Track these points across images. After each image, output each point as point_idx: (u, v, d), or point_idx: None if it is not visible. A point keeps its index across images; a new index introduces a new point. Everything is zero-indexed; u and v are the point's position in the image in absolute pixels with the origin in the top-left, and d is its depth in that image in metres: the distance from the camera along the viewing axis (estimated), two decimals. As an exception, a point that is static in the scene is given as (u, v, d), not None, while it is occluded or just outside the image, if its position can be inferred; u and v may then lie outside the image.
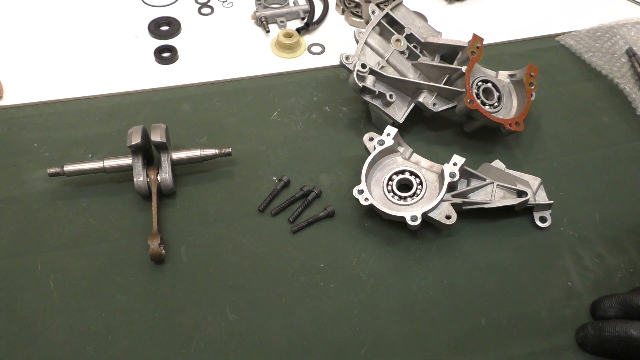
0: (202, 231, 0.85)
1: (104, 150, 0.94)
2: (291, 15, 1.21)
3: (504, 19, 1.24)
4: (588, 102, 1.07)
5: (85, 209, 0.87)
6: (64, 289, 0.78)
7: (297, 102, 1.03)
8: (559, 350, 0.76)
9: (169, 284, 0.79)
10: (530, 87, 0.95)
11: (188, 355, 0.73)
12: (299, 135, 0.98)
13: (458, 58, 0.98)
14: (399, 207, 0.84)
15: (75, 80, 1.05)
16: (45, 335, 0.74)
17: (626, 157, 0.98)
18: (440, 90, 0.95)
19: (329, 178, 0.92)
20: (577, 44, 1.16)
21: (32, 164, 0.91)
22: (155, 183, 0.85)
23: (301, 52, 1.14)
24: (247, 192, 0.90)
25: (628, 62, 1.12)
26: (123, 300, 0.77)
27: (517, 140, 0.99)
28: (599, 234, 0.87)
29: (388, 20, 0.99)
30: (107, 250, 0.82)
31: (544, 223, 0.87)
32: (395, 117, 0.95)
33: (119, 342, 0.74)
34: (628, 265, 0.84)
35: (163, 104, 1.02)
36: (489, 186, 0.85)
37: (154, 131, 0.85)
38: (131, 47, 1.13)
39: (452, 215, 0.82)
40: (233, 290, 0.79)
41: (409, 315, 0.78)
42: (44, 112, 0.99)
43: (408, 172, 0.86)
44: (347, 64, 0.92)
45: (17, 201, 0.87)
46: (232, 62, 1.11)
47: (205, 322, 0.76)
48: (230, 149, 0.89)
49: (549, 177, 0.92)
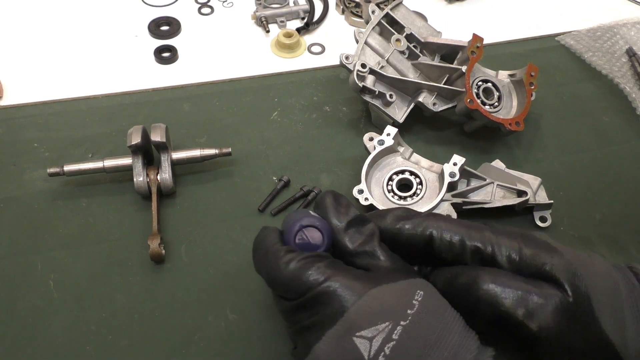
0: (202, 231, 0.85)
1: (104, 150, 0.94)
2: (291, 15, 1.21)
3: (504, 19, 1.24)
4: (588, 102, 1.07)
5: (85, 209, 0.87)
6: (64, 289, 0.78)
7: (297, 102, 1.03)
8: (559, 350, 0.76)
9: (169, 284, 0.79)
10: (530, 87, 0.95)
11: (188, 355, 0.73)
12: (299, 135, 0.98)
13: (458, 58, 0.98)
14: (399, 207, 0.84)
15: (75, 80, 1.05)
16: (45, 335, 0.74)
17: (626, 157, 0.98)
18: (440, 90, 0.95)
19: (329, 178, 0.92)
20: (577, 44, 1.16)
21: (32, 164, 0.91)
22: (155, 183, 0.85)
23: (301, 52, 1.14)
24: (247, 192, 0.90)
25: (628, 62, 1.12)
26: (123, 300, 0.77)
27: (517, 140, 0.99)
28: (599, 234, 0.87)
29: (388, 20, 0.99)
30: (107, 250, 0.82)
31: (544, 223, 0.87)
32: (395, 117, 0.95)
33: (119, 342, 0.74)
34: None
35: (163, 103, 1.02)
36: (489, 186, 0.86)
37: (154, 131, 0.85)
38: (131, 47, 1.13)
39: (452, 215, 0.82)
40: (233, 290, 0.79)
41: (409, 315, 0.78)
42: (44, 112, 0.99)
43: (408, 172, 0.86)
44: (347, 64, 0.92)
45: (17, 201, 0.87)
46: (232, 62, 1.11)
47: (205, 322, 0.76)
48: (230, 149, 0.89)
49: (549, 177, 0.92)
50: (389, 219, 0.64)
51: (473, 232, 0.62)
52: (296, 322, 0.59)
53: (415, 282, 0.58)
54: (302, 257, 0.58)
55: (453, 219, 0.64)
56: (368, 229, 0.63)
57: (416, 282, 0.58)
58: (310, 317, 0.57)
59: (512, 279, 0.59)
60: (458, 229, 0.62)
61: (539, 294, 0.58)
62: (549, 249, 0.60)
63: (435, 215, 0.65)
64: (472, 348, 0.55)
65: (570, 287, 0.57)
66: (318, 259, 0.58)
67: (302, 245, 0.61)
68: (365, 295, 0.55)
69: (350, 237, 0.62)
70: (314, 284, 0.56)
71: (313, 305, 0.57)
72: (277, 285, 0.60)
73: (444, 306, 0.57)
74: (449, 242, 0.62)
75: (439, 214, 0.66)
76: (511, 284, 0.58)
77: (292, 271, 0.57)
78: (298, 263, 0.58)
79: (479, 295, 0.58)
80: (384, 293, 0.56)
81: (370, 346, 0.53)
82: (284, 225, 0.66)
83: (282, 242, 0.62)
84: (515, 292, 0.58)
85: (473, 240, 0.61)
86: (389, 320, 0.54)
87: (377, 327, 0.53)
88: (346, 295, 0.55)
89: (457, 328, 0.55)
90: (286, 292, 0.59)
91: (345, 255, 0.62)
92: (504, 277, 0.59)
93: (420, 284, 0.58)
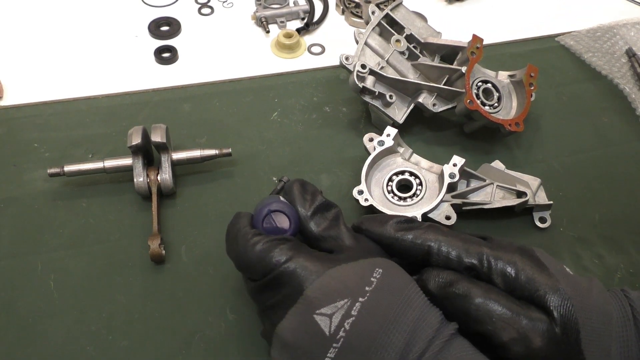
0: (202, 231, 0.85)
1: (104, 151, 0.94)
2: (291, 16, 1.21)
3: (504, 19, 1.24)
4: (588, 102, 1.07)
5: (85, 209, 0.87)
6: (64, 289, 0.78)
7: (297, 102, 1.03)
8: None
9: (169, 284, 0.79)
10: (530, 88, 0.96)
11: (188, 355, 0.73)
12: (299, 135, 0.98)
13: (458, 58, 0.98)
14: (399, 208, 0.84)
15: (75, 80, 1.05)
16: (45, 335, 0.74)
17: (626, 157, 0.98)
18: (440, 90, 0.95)
19: (329, 178, 0.92)
20: (577, 44, 1.16)
21: (32, 164, 0.91)
22: (156, 183, 0.85)
23: (301, 52, 1.14)
24: (247, 192, 0.90)
25: (628, 62, 1.12)
26: (123, 301, 0.77)
27: (517, 141, 0.99)
28: (599, 235, 0.87)
29: (388, 20, 0.99)
30: (107, 250, 0.82)
31: (543, 224, 0.87)
32: (395, 118, 0.96)
33: (119, 342, 0.74)
34: (628, 265, 0.84)
35: (163, 104, 1.02)
36: (489, 187, 0.86)
37: (154, 131, 0.85)
38: (131, 47, 1.13)
39: (451, 216, 0.82)
40: (233, 290, 0.79)
41: (408, 315, 0.78)
42: (44, 112, 0.99)
43: (408, 172, 0.87)
44: (347, 65, 0.92)
45: (17, 201, 0.87)
46: (232, 62, 1.11)
47: (205, 322, 0.76)
48: (230, 149, 0.89)
49: (549, 178, 0.92)
50: (389, 227, 0.65)
51: (471, 247, 0.62)
52: (262, 302, 0.61)
53: (375, 261, 0.60)
54: (267, 240, 0.61)
55: (453, 233, 0.64)
56: (332, 214, 0.67)
57: (376, 261, 0.60)
58: (273, 296, 0.59)
59: (504, 298, 0.59)
60: (456, 244, 0.63)
61: (528, 318, 0.57)
62: (547, 273, 0.60)
63: (435, 228, 0.65)
64: (434, 322, 0.56)
65: (560, 318, 0.57)
66: (282, 242, 0.61)
67: (270, 229, 0.64)
68: (324, 275, 0.57)
69: (316, 222, 0.66)
70: (277, 265, 0.59)
71: (276, 285, 0.59)
72: (244, 266, 0.63)
73: (405, 283, 0.59)
74: (446, 257, 0.62)
75: (439, 227, 0.65)
76: (503, 303, 0.58)
77: (257, 253, 0.60)
78: (263, 245, 0.60)
79: (469, 309, 0.58)
80: (342, 272, 0.58)
81: (331, 322, 0.55)
82: (255, 210, 0.68)
83: (251, 227, 0.65)
84: (505, 312, 0.57)
85: (470, 257, 0.62)
86: (347, 297, 0.56)
87: (336, 305, 0.55)
88: (306, 275, 0.57)
89: (418, 304, 0.57)
90: (252, 273, 0.62)
91: (312, 239, 0.65)
92: (496, 295, 0.59)
93: (381, 263, 0.60)
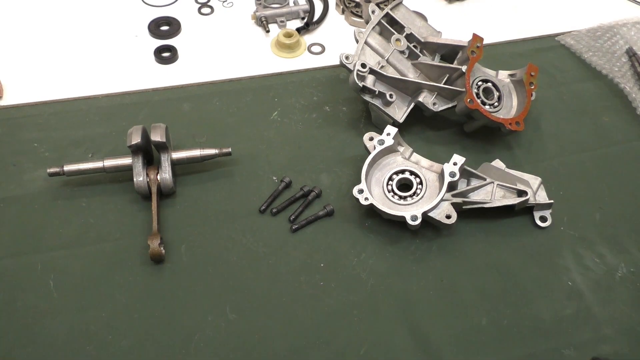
0: (202, 231, 0.85)
1: (104, 150, 0.93)
2: (291, 15, 1.20)
3: (504, 19, 1.24)
4: (588, 102, 1.07)
5: (85, 209, 0.87)
6: (64, 289, 0.78)
7: (297, 101, 1.03)
8: (559, 350, 0.76)
9: (169, 284, 0.79)
10: (530, 87, 0.95)
11: (188, 355, 0.73)
12: (299, 135, 0.98)
13: (458, 58, 0.98)
14: (399, 207, 0.84)
15: (75, 80, 1.05)
16: (46, 335, 0.74)
17: (626, 157, 0.98)
18: (440, 89, 0.95)
19: (329, 178, 0.92)
20: (577, 44, 1.16)
21: (32, 164, 0.91)
22: (155, 183, 0.85)
23: (301, 52, 1.14)
24: (247, 192, 0.90)
25: (628, 62, 1.12)
26: (123, 300, 0.77)
27: (517, 140, 0.99)
28: (599, 233, 0.87)
29: (388, 20, 0.99)
30: (107, 250, 0.82)
31: (544, 222, 0.87)
32: (395, 117, 0.95)
33: (119, 342, 0.74)
34: (628, 264, 0.84)
35: (163, 103, 1.02)
36: (489, 186, 0.85)
37: (154, 131, 0.85)
38: (131, 47, 1.13)
39: (452, 215, 0.82)
40: (233, 290, 0.79)
41: (409, 315, 0.78)
42: (44, 112, 0.99)
43: (408, 171, 0.86)
44: (347, 64, 0.92)
45: (17, 201, 0.87)
46: (232, 62, 1.11)
47: (205, 322, 0.76)
48: (230, 148, 0.89)
49: (549, 177, 0.92)
50: None
51: None
52: None
53: None
54: None
55: None
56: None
57: None
58: None
59: None
60: None
61: None
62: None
63: None
64: None
65: None
66: None
67: None
68: None
69: None
70: None
71: None
72: None
73: None
74: None
75: None
76: None
77: None
78: None
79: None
80: None
81: None
82: None
83: None
84: None
85: None
86: None
87: None
88: None
89: None
90: None
91: None
92: None
93: None
